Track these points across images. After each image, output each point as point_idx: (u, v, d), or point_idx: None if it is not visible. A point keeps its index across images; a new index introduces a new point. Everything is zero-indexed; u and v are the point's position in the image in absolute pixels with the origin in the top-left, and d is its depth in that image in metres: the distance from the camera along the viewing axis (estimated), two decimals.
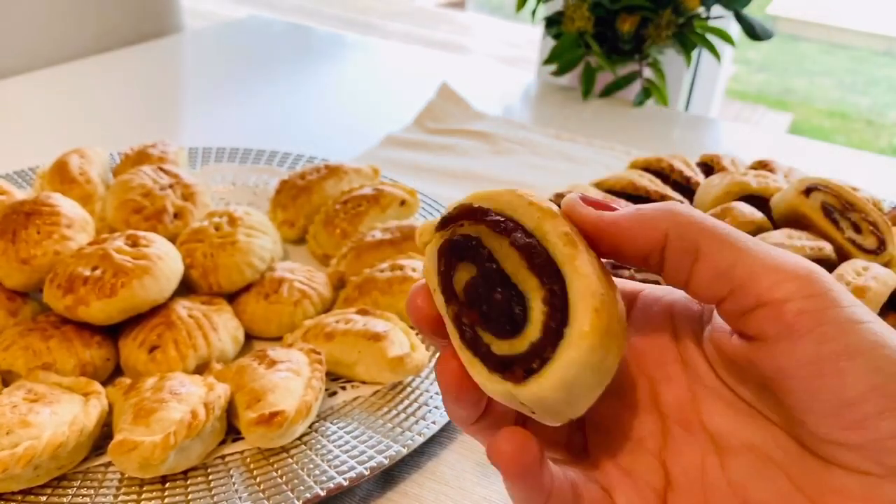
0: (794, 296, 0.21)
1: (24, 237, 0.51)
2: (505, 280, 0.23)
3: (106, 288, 0.48)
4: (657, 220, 0.23)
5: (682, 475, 0.25)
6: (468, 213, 0.24)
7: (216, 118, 0.95)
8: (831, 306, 0.21)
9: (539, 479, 0.24)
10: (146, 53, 1.15)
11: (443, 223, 0.25)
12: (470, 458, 0.45)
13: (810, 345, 0.21)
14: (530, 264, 0.22)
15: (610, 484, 0.26)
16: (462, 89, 1.00)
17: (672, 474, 0.25)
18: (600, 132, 0.94)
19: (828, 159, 0.94)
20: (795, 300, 0.21)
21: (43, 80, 1.02)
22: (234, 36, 1.28)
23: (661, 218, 0.23)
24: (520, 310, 0.22)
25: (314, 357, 0.47)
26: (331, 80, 1.13)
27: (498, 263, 0.23)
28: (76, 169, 0.64)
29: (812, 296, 0.21)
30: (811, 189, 0.54)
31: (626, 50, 0.98)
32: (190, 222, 0.59)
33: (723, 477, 0.24)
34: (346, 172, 0.67)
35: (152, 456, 0.39)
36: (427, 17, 3.39)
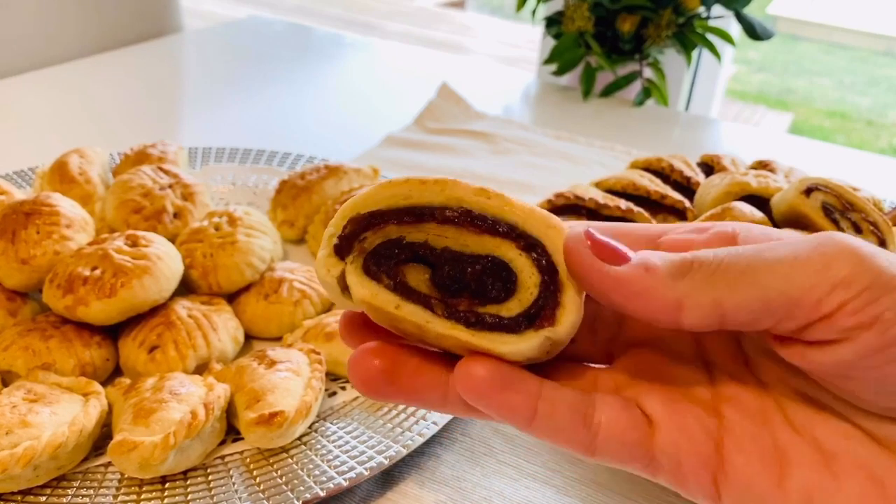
0: (843, 301, 0.20)
1: (23, 237, 0.51)
2: (465, 256, 0.23)
3: (106, 288, 0.48)
4: (669, 287, 0.21)
5: (740, 415, 0.24)
6: (361, 226, 0.23)
7: (216, 118, 0.95)
8: (885, 292, 0.20)
9: (503, 397, 0.22)
10: (146, 53, 1.15)
11: (340, 248, 0.23)
12: (470, 459, 0.45)
13: (872, 337, 0.20)
14: (478, 229, 0.23)
15: (650, 413, 0.24)
16: (462, 89, 1.00)
17: (727, 415, 0.24)
18: (600, 132, 0.94)
19: (828, 159, 0.94)
20: (846, 304, 0.20)
21: (43, 80, 1.02)
22: (233, 36, 1.28)
23: (673, 285, 0.21)
24: (501, 271, 0.23)
25: (314, 357, 0.47)
26: (331, 80, 1.13)
27: (444, 247, 0.23)
28: (76, 169, 0.64)
29: (861, 291, 0.20)
30: (811, 189, 0.54)
31: (626, 50, 0.98)
32: (190, 222, 0.59)
33: (784, 419, 0.23)
34: (346, 172, 0.67)
35: (152, 456, 0.39)
36: (427, 17, 3.39)
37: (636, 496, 0.43)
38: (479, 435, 0.47)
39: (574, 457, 0.45)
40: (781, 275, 0.21)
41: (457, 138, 0.89)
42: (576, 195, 0.61)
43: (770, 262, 0.21)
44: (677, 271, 0.21)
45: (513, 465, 0.45)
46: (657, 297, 0.21)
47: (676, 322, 0.21)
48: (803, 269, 0.20)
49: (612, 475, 0.44)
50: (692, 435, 0.23)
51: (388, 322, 0.24)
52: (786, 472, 0.22)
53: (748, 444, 0.23)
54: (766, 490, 0.23)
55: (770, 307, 0.21)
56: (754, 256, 0.21)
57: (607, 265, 0.22)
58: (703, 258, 0.22)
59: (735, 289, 0.21)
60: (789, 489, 0.22)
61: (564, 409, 0.23)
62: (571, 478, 0.44)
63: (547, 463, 0.45)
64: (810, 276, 0.20)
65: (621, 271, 0.21)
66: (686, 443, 0.23)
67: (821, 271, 0.20)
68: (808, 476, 0.22)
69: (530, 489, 0.43)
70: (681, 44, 0.97)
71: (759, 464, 0.23)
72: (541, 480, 0.44)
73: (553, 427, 0.23)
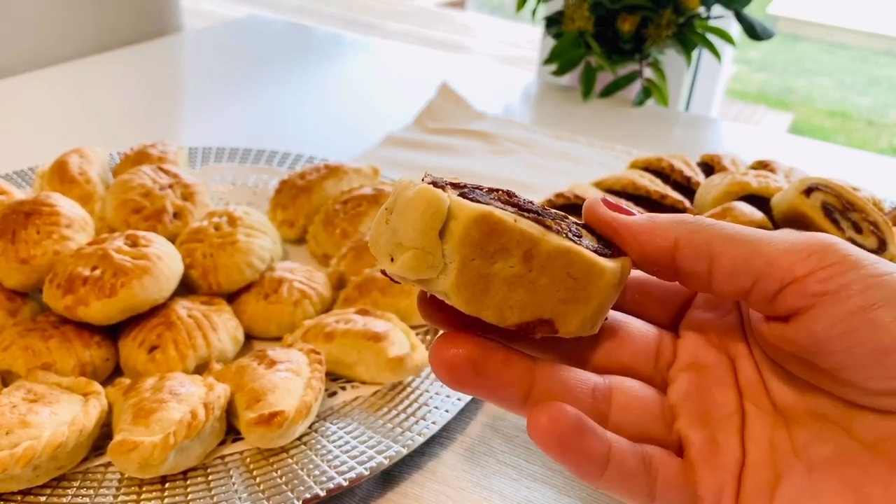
0: (814, 268, 0.22)
1: (23, 237, 0.51)
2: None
3: (106, 288, 0.48)
4: (667, 228, 0.25)
5: (756, 451, 0.25)
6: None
7: (216, 118, 0.95)
8: (852, 267, 0.22)
9: (581, 447, 0.23)
10: (146, 53, 1.15)
11: (436, 184, 0.24)
12: (470, 459, 0.45)
13: (837, 304, 0.22)
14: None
15: (696, 460, 0.25)
16: (462, 89, 1.00)
17: (748, 451, 0.25)
18: (600, 132, 0.94)
19: (828, 159, 0.94)
20: (816, 271, 0.22)
21: (42, 79, 1.02)
22: (233, 35, 1.28)
23: (670, 226, 0.25)
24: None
25: (314, 357, 0.47)
26: (331, 80, 1.13)
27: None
28: (76, 169, 0.64)
29: (832, 264, 0.22)
30: (812, 189, 0.54)
31: (626, 50, 0.98)
32: (189, 222, 0.59)
33: (790, 447, 0.25)
34: (346, 172, 0.67)
35: (152, 456, 0.39)
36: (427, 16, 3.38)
37: None
38: (479, 435, 0.47)
39: None
40: (765, 242, 0.23)
41: (457, 138, 0.89)
42: (576, 195, 0.61)
43: (758, 234, 0.24)
44: (676, 219, 0.25)
45: (513, 465, 0.45)
46: (657, 234, 0.25)
47: (671, 258, 0.25)
48: (784, 244, 0.23)
49: None
50: (723, 476, 0.25)
51: (486, 259, 0.22)
52: (775, 495, 0.24)
53: (759, 479, 0.25)
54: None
55: (750, 264, 0.23)
56: (745, 229, 0.24)
57: (618, 213, 0.26)
58: (701, 217, 0.25)
59: (723, 241, 0.24)
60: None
61: (632, 457, 0.24)
62: (571, 478, 0.44)
63: (547, 463, 0.45)
64: (789, 248, 0.23)
65: (630, 217, 0.26)
66: (718, 484, 0.25)
67: (799, 245, 0.23)
68: (793, 494, 0.24)
69: (530, 489, 0.43)
70: (681, 44, 0.97)
71: (759, 495, 0.24)
72: (541, 480, 0.44)
73: (623, 475, 0.24)
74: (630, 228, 0.25)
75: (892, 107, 3.27)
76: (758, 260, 0.23)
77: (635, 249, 0.25)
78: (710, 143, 0.97)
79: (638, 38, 0.97)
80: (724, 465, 0.25)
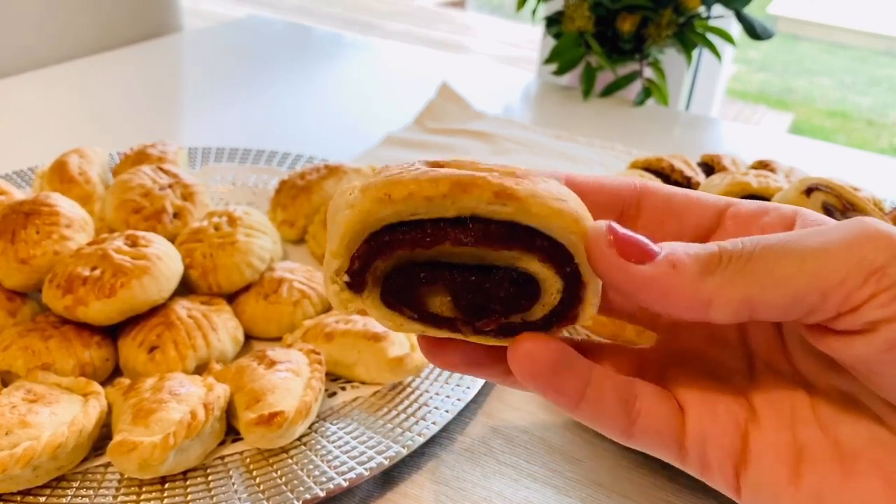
0: (873, 292, 0.20)
1: (23, 237, 0.51)
2: (483, 276, 0.22)
3: (105, 288, 0.48)
4: (695, 281, 0.21)
5: (769, 408, 0.24)
6: (369, 258, 0.21)
7: (216, 118, 0.95)
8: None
9: (555, 383, 0.22)
10: (146, 53, 1.15)
11: (353, 286, 0.22)
12: (470, 459, 0.45)
13: (893, 331, 0.20)
14: (494, 245, 0.21)
15: (684, 400, 0.24)
16: (462, 89, 1.00)
17: (757, 407, 0.24)
18: (601, 132, 0.94)
19: (828, 159, 0.93)
20: (876, 296, 0.20)
21: (42, 79, 1.02)
22: (233, 35, 1.28)
23: (698, 277, 0.21)
24: (524, 283, 0.22)
25: (314, 357, 0.47)
26: (331, 80, 1.13)
27: (458, 265, 0.22)
28: (75, 169, 0.64)
29: (889, 286, 0.20)
30: (812, 189, 0.54)
31: (626, 49, 0.98)
32: (189, 222, 0.59)
33: (812, 415, 0.23)
34: (346, 172, 0.67)
35: (151, 457, 0.39)
36: (427, 16, 3.38)
37: (636, 497, 0.43)
38: (479, 435, 0.47)
39: (574, 457, 0.45)
40: (812, 268, 0.20)
41: (457, 138, 0.89)
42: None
43: (800, 254, 0.20)
44: (705, 267, 0.21)
45: (513, 466, 0.45)
46: (685, 294, 0.21)
47: (705, 318, 0.21)
48: (834, 261, 0.20)
49: (613, 476, 0.44)
50: (721, 427, 0.24)
51: None
52: (801, 469, 0.23)
53: (771, 440, 0.23)
54: (780, 487, 0.23)
55: (800, 301, 0.20)
56: (784, 248, 0.21)
57: (632, 264, 0.21)
58: (732, 252, 0.21)
59: (765, 284, 0.20)
60: (802, 486, 0.23)
61: (610, 395, 0.23)
62: (571, 478, 0.44)
63: (547, 463, 0.45)
64: (841, 267, 0.20)
65: (647, 270, 0.21)
66: (714, 435, 0.23)
67: (853, 262, 0.20)
68: (821, 475, 0.22)
69: (530, 489, 0.43)
70: (681, 43, 0.96)
71: (777, 461, 0.23)
72: (541, 481, 0.44)
73: (597, 412, 0.23)
74: (650, 287, 0.21)
75: (892, 107, 3.27)
76: (807, 295, 0.20)
77: (657, 309, 0.21)
78: (711, 143, 0.97)
79: (638, 38, 0.97)
80: (726, 418, 0.24)
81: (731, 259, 0.21)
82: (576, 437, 0.47)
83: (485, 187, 0.20)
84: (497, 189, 0.20)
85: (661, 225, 0.25)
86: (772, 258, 0.21)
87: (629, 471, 0.45)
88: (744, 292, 0.21)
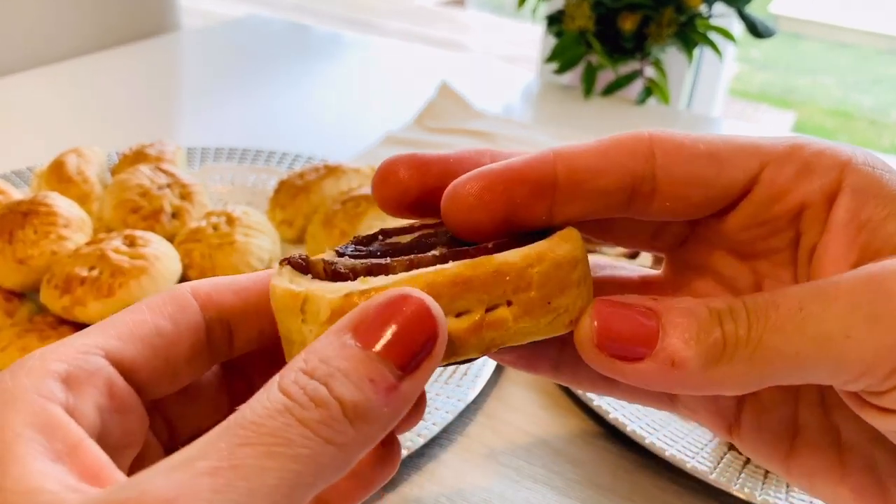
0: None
1: (20, 237, 0.51)
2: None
3: (103, 288, 0.47)
4: (702, 379, 0.19)
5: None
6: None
7: (214, 117, 0.95)
8: None
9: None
10: (144, 52, 1.15)
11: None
12: (470, 461, 0.45)
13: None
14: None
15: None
16: (462, 88, 0.99)
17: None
18: (602, 131, 0.93)
19: None
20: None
21: (40, 78, 1.02)
22: (232, 35, 1.28)
23: (707, 374, 0.19)
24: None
25: None
26: (330, 79, 1.13)
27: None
28: (73, 168, 0.64)
29: None
30: None
31: (627, 48, 0.98)
32: (188, 222, 0.58)
33: (818, 400, 0.24)
34: (345, 172, 0.66)
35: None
36: (427, 15, 3.38)
37: (637, 498, 0.43)
38: (479, 436, 0.47)
39: (575, 459, 0.45)
40: (832, 354, 0.19)
41: (457, 137, 0.89)
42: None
43: (816, 337, 0.19)
44: (709, 360, 0.19)
45: (513, 467, 0.45)
46: (690, 387, 0.19)
47: (715, 396, 0.21)
48: (857, 349, 0.18)
49: (614, 478, 0.44)
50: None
51: None
52: (793, 450, 0.23)
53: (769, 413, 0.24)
54: (769, 460, 0.24)
55: (822, 382, 0.19)
56: (797, 326, 0.19)
57: (626, 364, 0.19)
58: (738, 336, 0.19)
59: (778, 370, 0.19)
60: (791, 467, 0.23)
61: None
62: (572, 480, 0.44)
63: (548, 465, 0.45)
64: (865, 356, 0.18)
65: (643, 369, 0.19)
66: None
67: (877, 350, 0.18)
68: (812, 459, 0.23)
69: (531, 491, 0.43)
70: (682, 42, 0.96)
71: (771, 437, 0.23)
72: (541, 482, 0.44)
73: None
74: (649, 382, 0.19)
75: (895, 106, 3.26)
76: (834, 381, 0.19)
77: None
78: None
79: (639, 37, 0.97)
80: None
81: (738, 345, 0.19)
82: (577, 438, 0.46)
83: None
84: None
85: (683, 201, 0.22)
86: (784, 342, 0.19)
87: (630, 472, 0.44)
88: (755, 376, 0.19)
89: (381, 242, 0.23)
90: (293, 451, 0.16)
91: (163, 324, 0.21)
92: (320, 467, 0.16)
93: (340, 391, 0.17)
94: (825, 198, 0.21)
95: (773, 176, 0.21)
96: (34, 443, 0.17)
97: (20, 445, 0.17)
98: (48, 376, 0.18)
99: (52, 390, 0.18)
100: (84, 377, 0.19)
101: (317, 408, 0.17)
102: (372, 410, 0.17)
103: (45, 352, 0.19)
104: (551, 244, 0.20)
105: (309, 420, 0.16)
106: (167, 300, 0.21)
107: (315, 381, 0.17)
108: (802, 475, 0.23)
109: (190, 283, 0.22)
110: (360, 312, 0.18)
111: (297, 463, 0.16)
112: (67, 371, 0.19)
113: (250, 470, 0.15)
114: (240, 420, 0.16)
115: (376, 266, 0.20)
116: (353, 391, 0.17)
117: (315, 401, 0.17)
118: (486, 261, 0.19)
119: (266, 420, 0.16)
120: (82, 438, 0.18)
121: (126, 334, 0.20)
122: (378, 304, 0.18)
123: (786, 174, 0.21)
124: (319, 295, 0.19)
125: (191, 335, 0.21)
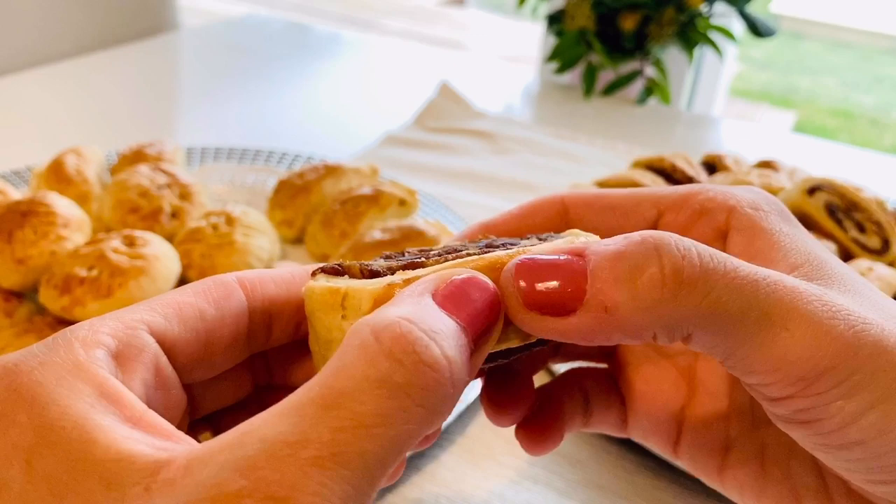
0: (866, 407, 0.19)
1: (19, 237, 0.51)
2: None
3: (103, 288, 0.47)
4: (638, 322, 0.18)
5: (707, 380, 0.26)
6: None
7: (214, 117, 0.95)
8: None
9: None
10: (143, 51, 1.15)
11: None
12: (470, 461, 0.45)
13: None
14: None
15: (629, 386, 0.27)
16: (462, 87, 0.99)
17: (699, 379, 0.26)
18: (602, 131, 0.93)
19: (832, 158, 0.93)
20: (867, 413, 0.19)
21: (38, 78, 1.02)
22: (231, 34, 1.28)
23: (641, 317, 0.18)
24: None
25: None
26: (329, 79, 1.13)
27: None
28: (72, 168, 0.64)
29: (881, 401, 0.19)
30: (815, 189, 0.53)
31: (628, 48, 0.98)
32: (187, 222, 0.58)
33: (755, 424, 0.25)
34: (345, 172, 0.66)
35: None
36: (427, 14, 3.38)
37: (638, 499, 0.43)
38: (479, 437, 0.47)
39: (575, 459, 0.45)
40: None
41: (457, 137, 0.89)
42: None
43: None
44: (647, 303, 0.18)
45: (513, 468, 0.44)
46: (626, 332, 0.18)
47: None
48: (790, 341, 0.19)
49: (614, 479, 0.44)
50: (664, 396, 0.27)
51: None
52: (725, 463, 0.25)
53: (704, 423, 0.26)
54: (707, 474, 0.26)
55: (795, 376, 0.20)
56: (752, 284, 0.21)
57: (556, 319, 0.18)
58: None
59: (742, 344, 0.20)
60: (724, 479, 0.25)
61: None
62: (573, 480, 0.44)
63: (548, 465, 0.45)
64: (791, 353, 0.19)
65: (574, 322, 0.18)
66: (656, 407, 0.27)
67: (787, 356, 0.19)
68: (741, 472, 0.25)
69: (531, 492, 0.43)
70: (683, 42, 0.96)
71: (707, 452, 0.26)
72: (542, 483, 0.43)
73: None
74: (580, 336, 0.19)
75: None
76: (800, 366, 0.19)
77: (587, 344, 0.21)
78: (713, 142, 0.96)
79: (640, 36, 0.97)
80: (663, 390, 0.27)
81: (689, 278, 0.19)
82: (577, 438, 0.46)
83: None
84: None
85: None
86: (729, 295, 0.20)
87: (631, 473, 0.44)
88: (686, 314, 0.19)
89: (409, 252, 0.23)
90: (393, 432, 0.16)
91: (207, 308, 0.21)
92: (414, 439, 0.16)
93: (452, 353, 0.16)
94: (718, 235, 0.24)
95: (671, 220, 0.24)
96: (108, 411, 0.17)
97: (96, 414, 0.16)
98: (100, 348, 0.18)
99: (107, 363, 0.18)
100: (133, 353, 0.19)
101: (424, 370, 0.16)
102: (463, 381, 0.16)
103: (94, 323, 0.19)
104: (567, 242, 0.22)
105: (413, 387, 0.16)
106: (213, 286, 0.21)
107: (422, 337, 0.16)
108: (733, 487, 0.25)
109: (235, 273, 0.23)
110: (442, 281, 0.18)
111: (396, 441, 0.16)
112: (117, 346, 0.19)
113: (351, 457, 0.15)
114: (336, 397, 0.16)
115: (412, 264, 0.20)
116: (457, 353, 0.16)
117: (426, 361, 0.16)
118: (519, 251, 0.20)
119: (363, 396, 0.15)
120: (145, 409, 0.18)
121: (172, 314, 0.20)
122: (461, 279, 0.18)
123: (682, 218, 0.24)
124: (360, 287, 0.20)
125: (233, 322, 0.21)
